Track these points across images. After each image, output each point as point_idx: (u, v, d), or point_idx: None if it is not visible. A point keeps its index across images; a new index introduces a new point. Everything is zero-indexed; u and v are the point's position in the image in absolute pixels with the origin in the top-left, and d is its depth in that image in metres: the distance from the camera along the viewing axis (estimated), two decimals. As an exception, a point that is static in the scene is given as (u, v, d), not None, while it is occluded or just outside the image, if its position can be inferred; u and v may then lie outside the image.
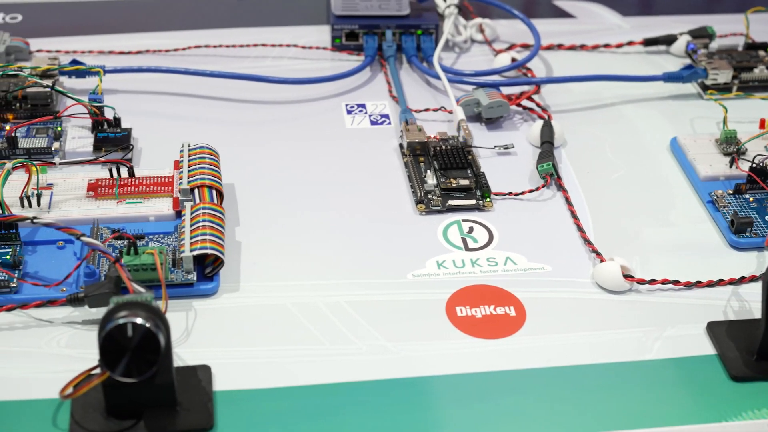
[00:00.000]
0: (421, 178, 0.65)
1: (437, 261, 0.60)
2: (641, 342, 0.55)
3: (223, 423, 0.50)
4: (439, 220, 0.63)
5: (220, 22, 0.85)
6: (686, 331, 0.56)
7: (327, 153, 0.69)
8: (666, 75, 0.75)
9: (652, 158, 0.70)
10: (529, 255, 0.61)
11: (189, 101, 0.74)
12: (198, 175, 0.61)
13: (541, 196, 0.66)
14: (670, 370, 0.54)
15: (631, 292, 0.59)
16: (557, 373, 0.53)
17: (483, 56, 0.81)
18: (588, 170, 0.68)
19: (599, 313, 0.57)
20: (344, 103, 0.74)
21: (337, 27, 0.79)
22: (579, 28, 0.86)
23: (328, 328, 0.55)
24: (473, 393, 0.52)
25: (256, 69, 0.77)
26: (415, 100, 0.75)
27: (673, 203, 0.65)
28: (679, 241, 0.62)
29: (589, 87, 0.76)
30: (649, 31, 0.83)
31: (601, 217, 0.64)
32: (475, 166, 0.66)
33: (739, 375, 0.54)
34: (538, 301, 0.58)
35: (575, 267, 0.60)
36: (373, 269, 0.59)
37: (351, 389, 0.52)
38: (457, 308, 0.57)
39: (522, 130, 0.72)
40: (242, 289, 0.58)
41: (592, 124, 0.73)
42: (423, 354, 0.54)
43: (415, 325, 0.56)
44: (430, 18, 0.79)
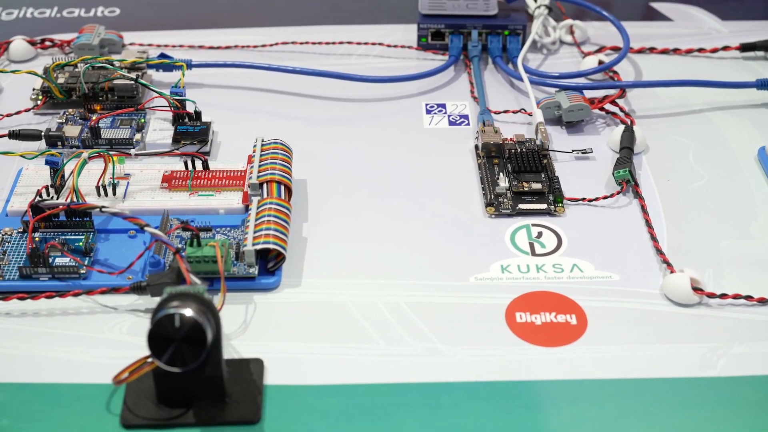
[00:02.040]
0: (493, 181, 0.64)
1: (502, 265, 0.59)
2: (706, 358, 0.53)
3: (271, 417, 0.50)
4: (508, 224, 0.62)
5: (309, 19, 0.86)
6: (756, 349, 0.54)
7: (402, 152, 0.69)
8: (759, 82, 0.72)
9: (737, 168, 0.67)
10: (598, 263, 0.59)
11: (271, 97, 0.75)
12: (268, 170, 0.62)
13: (616, 203, 0.64)
14: (734, 389, 0.52)
15: (700, 306, 0.57)
16: (613, 385, 0.52)
17: (571, 58, 0.79)
18: (668, 178, 0.66)
19: (664, 326, 0.55)
20: (425, 102, 0.74)
21: (423, 26, 0.78)
22: (674, 32, 0.83)
23: (385, 328, 0.55)
24: (525, 401, 0.51)
25: (340, 66, 0.77)
26: (498, 102, 0.74)
27: (755, 215, 0.63)
28: (757, 255, 0.60)
29: (678, 92, 0.74)
30: (749, 36, 0.80)
31: (677, 226, 0.62)
32: (550, 170, 0.65)
33: (807, 398, 0.51)
34: (601, 310, 0.56)
35: (644, 277, 0.58)
36: (436, 271, 0.59)
37: (400, 390, 0.52)
38: (516, 314, 0.56)
39: (603, 134, 0.70)
40: (303, 284, 0.58)
41: (677, 131, 0.71)
42: (477, 359, 0.53)
43: (472, 329, 0.55)
44: (518, 18, 0.78)
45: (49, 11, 0.88)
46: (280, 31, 0.83)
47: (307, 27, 0.84)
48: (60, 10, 0.88)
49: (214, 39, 0.81)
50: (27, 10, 0.88)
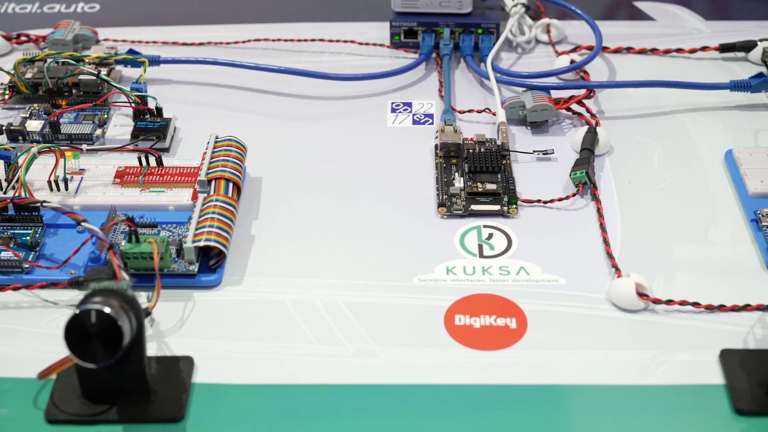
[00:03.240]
0: (448, 181, 0.64)
1: (447, 267, 0.58)
2: (645, 365, 0.52)
3: (196, 415, 0.50)
4: (459, 225, 0.61)
5: (284, 16, 0.85)
6: (698, 357, 0.52)
7: (361, 151, 0.68)
8: (733, 83, 0.70)
9: (703, 171, 0.65)
10: (546, 266, 0.58)
11: (239, 93, 0.75)
12: (218, 167, 0.62)
13: (572, 206, 0.63)
14: (669, 398, 0.50)
15: (646, 312, 0.55)
16: (544, 391, 0.51)
17: (546, 58, 0.78)
18: (629, 180, 0.65)
19: (606, 332, 0.54)
20: (391, 101, 0.73)
21: (395, 24, 0.77)
22: (656, 31, 0.82)
23: (321, 328, 0.54)
24: (452, 405, 0.50)
25: (312, 64, 0.77)
26: (466, 101, 0.73)
27: (714, 220, 0.61)
28: (712, 261, 0.58)
29: (651, 93, 0.72)
30: (732, 36, 0.78)
31: (633, 230, 0.61)
32: (507, 171, 0.64)
33: (744, 409, 0.50)
34: (543, 314, 0.55)
35: (591, 282, 0.57)
36: (380, 271, 0.58)
37: (328, 391, 0.51)
38: (456, 316, 0.55)
39: (569, 135, 0.69)
40: (245, 282, 0.58)
41: (645, 133, 0.69)
42: (409, 361, 0.52)
43: (409, 331, 0.54)
44: (491, 17, 0.77)
45: (30, 6, 0.88)
46: (254, 28, 0.83)
47: (281, 24, 0.83)
48: (41, 6, 0.88)
49: (189, 35, 0.81)
50: (9, 5, 0.88)
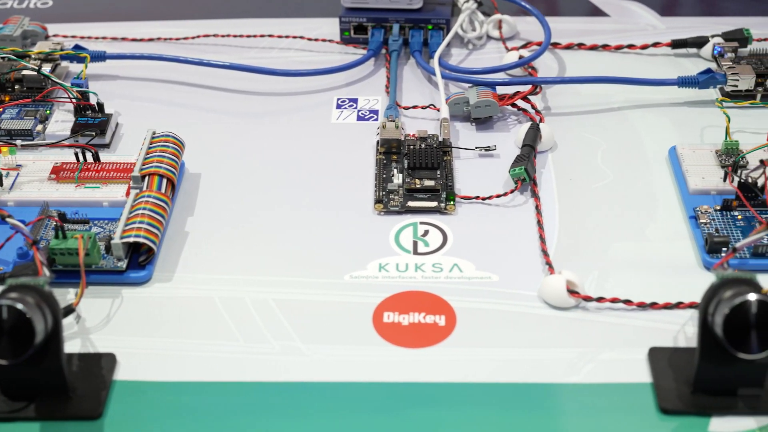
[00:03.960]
0: (386, 177, 0.63)
1: (380, 263, 0.58)
2: (572, 363, 0.51)
3: (115, 413, 0.49)
4: (396, 221, 0.61)
5: (235, 12, 0.85)
6: (626, 355, 0.52)
7: (302, 147, 0.68)
8: (681, 79, 0.69)
9: (646, 168, 0.65)
10: (479, 263, 0.58)
11: (185, 90, 0.74)
12: (153, 163, 0.61)
13: (511, 202, 0.62)
14: (594, 397, 0.50)
15: (577, 310, 0.55)
16: (468, 389, 0.50)
17: (497, 54, 0.77)
18: (571, 177, 0.64)
19: (535, 330, 0.53)
20: (337, 97, 0.73)
21: (345, 19, 0.77)
22: (610, 27, 0.81)
23: (248, 325, 0.54)
24: (375, 403, 0.49)
25: (262, 60, 0.76)
26: (413, 97, 0.72)
27: (654, 217, 0.61)
28: (648, 259, 0.58)
29: (600, 89, 0.72)
30: (686, 32, 0.77)
31: (571, 227, 0.60)
32: (447, 168, 0.63)
33: (668, 407, 0.49)
34: (473, 312, 0.55)
35: (524, 279, 0.56)
36: (312, 268, 0.58)
37: (250, 389, 0.50)
38: (384, 314, 0.55)
39: (513, 132, 0.68)
40: (175, 279, 0.57)
41: (591, 129, 0.69)
42: (335, 359, 0.52)
43: (337, 329, 0.54)
44: (441, 13, 0.76)
45: (-17, 2, 0.88)
46: (205, 23, 0.82)
47: (231, 20, 0.83)
48: (-6, 2, 0.88)
49: (140, 31, 0.81)
50: (-37, 1, 0.88)
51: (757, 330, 0.46)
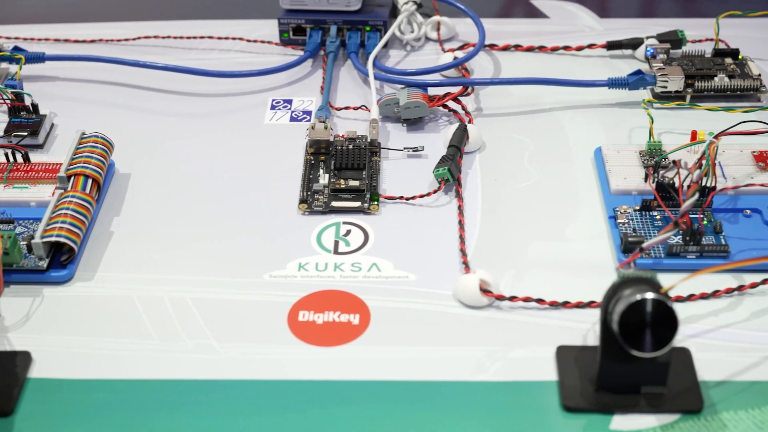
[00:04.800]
0: (313, 177, 0.63)
1: (300, 263, 0.58)
2: (481, 362, 0.52)
3: (26, 410, 0.50)
4: (319, 221, 0.61)
5: (178, 14, 0.85)
6: (535, 354, 0.52)
7: (234, 148, 0.68)
8: (611, 81, 0.70)
9: (571, 168, 0.65)
10: (398, 262, 0.58)
11: (123, 91, 0.75)
12: (80, 164, 0.61)
13: (435, 203, 0.63)
14: (499, 395, 0.50)
15: (491, 309, 0.55)
16: (377, 387, 0.51)
17: (434, 55, 0.78)
18: (497, 177, 0.65)
19: (448, 329, 0.54)
20: (272, 98, 0.73)
21: (283, 21, 0.77)
22: (549, 29, 0.81)
23: (164, 324, 0.55)
24: (285, 401, 0.50)
25: (202, 61, 0.77)
26: (348, 98, 0.73)
27: (574, 217, 0.61)
28: (565, 258, 0.58)
29: (532, 91, 0.72)
30: (624, 34, 0.77)
31: (492, 227, 0.61)
32: (374, 168, 0.64)
33: (570, 405, 0.50)
34: (387, 310, 0.55)
35: (441, 278, 0.57)
36: (233, 267, 0.58)
37: (160, 386, 0.51)
38: (300, 312, 0.55)
39: (443, 133, 0.68)
40: (97, 278, 0.58)
41: (520, 130, 0.69)
42: (247, 357, 0.52)
43: (251, 327, 0.54)
44: (379, 14, 0.77)
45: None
46: (147, 25, 0.82)
47: (173, 21, 0.83)
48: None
49: (82, 33, 0.81)
50: None
51: (652, 328, 0.47)
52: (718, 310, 0.55)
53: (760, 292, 0.56)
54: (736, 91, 0.70)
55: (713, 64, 0.72)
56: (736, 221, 0.60)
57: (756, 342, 0.53)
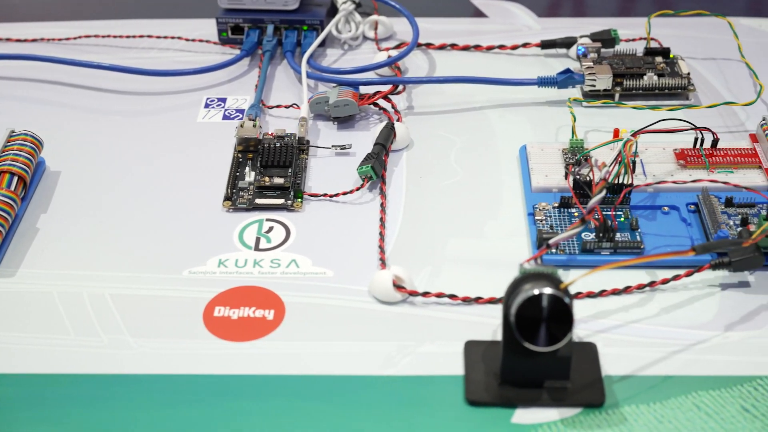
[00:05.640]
0: (240, 175, 0.64)
1: (220, 259, 0.59)
2: (391, 356, 0.53)
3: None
4: (242, 218, 0.62)
5: (119, 13, 0.86)
6: (444, 348, 0.53)
7: (165, 146, 0.69)
8: (540, 79, 0.71)
9: (496, 166, 0.66)
10: (317, 259, 0.59)
11: (59, 90, 0.75)
12: (7, 161, 0.62)
13: (359, 200, 0.63)
14: (406, 389, 0.51)
15: (404, 304, 0.56)
16: (284, 381, 0.51)
17: (372, 54, 0.78)
18: (422, 175, 0.65)
19: (360, 324, 0.55)
20: (206, 96, 0.74)
21: (221, 20, 0.78)
22: (487, 28, 0.82)
23: (81, 319, 0.55)
24: (195, 395, 0.51)
25: (141, 60, 0.78)
26: (285, 97, 0.73)
27: (495, 214, 0.62)
28: (483, 254, 0.59)
29: (465, 89, 0.73)
30: (561, 33, 0.78)
31: (413, 224, 0.61)
32: (300, 166, 0.65)
33: (474, 399, 0.50)
34: (303, 306, 0.56)
35: (358, 274, 0.58)
36: (153, 263, 0.59)
37: (74, 381, 0.52)
38: (216, 308, 0.56)
39: (373, 131, 0.69)
40: (19, 275, 0.58)
41: (449, 128, 0.70)
42: (160, 352, 0.53)
43: (167, 323, 0.55)
44: (316, 13, 0.78)
45: None
46: (88, 24, 0.83)
47: (114, 21, 0.84)
48: None
49: (24, 32, 0.82)
50: None
51: (547, 323, 0.48)
52: (628, 306, 0.56)
53: (671, 288, 0.57)
54: (664, 89, 0.71)
55: (643, 62, 0.72)
56: (654, 218, 0.61)
57: (663, 337, 0.54)
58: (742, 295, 0.56)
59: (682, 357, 0.53)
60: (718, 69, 0.76)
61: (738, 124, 0.69)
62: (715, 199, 0.60)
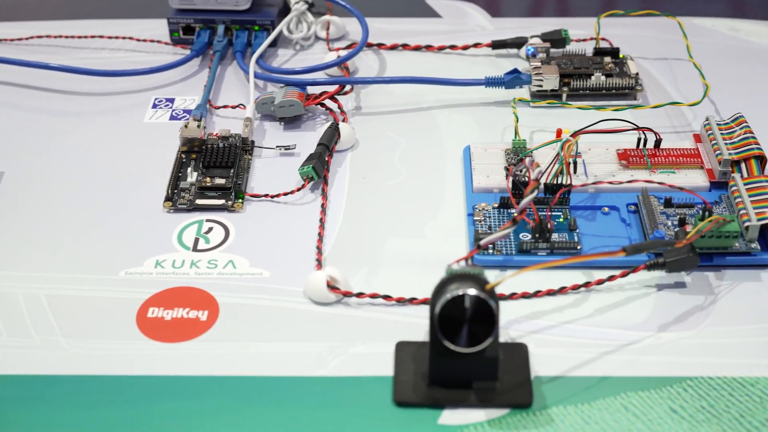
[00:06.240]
0: (182, 175, 0.64)
1: (157, 260, 0.59)
2: (322, 357, 0.53)
3: None
4: (183, 219, 0.62)
5: (72, 13, 0.86)
6: (376, 349, 0.53)
7: (110, 147, 0.69)
8: (487, 80, 0.71)
9: (440, 167, 0.66)
10: (254, 260, 0.59)
11: (6, 90, 0.75)
12: (-53, 162, 0.62)
13: (300, 200, 0.63)
14: (335, 390, 0.51)
15: (339, 305, 0.56)
16: (214, 383, 0.51)
17: (323, 54, 0.78)
18: (365, 175, 0.65)
19: (294, 325, 0.55)
20: (155, 97, 0.74)
21: (173, 20, 0.78)
22: (440, 28, 0.82)
23: (15, 320, 0.55)
24: (123, 395, 0.51)
25: (93, 60, 0.78)
26: (234, 97, 0.73)
27: (436, 215, 0.62)
28: (420, 255, 0.59)
29: (413, 90, 0.73)
30: (514, 33, 0.78)
31: (353, 224, 0.61)
32: (243, 166, 0.65)
33: (401, 399, 0.50)
34: (237, 307, 0.56)
35: (294, 275, 0.58)
36: (92, 264, 0.59)
37: (3, 382, 0.51)
38: (150, 309, 0.56)
39: (319, 131, 0.69)
40: (-46, 275, 0.59)
41: (396, 128, 0.70)
42: (92, 353, 0.53)
43: (101, 324, 0.55)
44: (267, 14, 0.78)
45: None
46: (40, 24, 0.83)
47: (66, 21, 0.84)
48: None
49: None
50: None
51: (469, 324, 0.48)
52: (563, 307, 0.56)
53: (606, 288, 0.57)
54: (611, 89, 0.71)
55: (592, 63, 0.72)
56: (594, 219, 0.61)
57: (595, 338, 0.54)
58: (678, 296, 0.56)
59: (613, 358, 0.53)
60: (669, 69, 0.76)
61: (685, 125, 0.69)
62: (655, 199, 0.61)
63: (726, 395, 0.51)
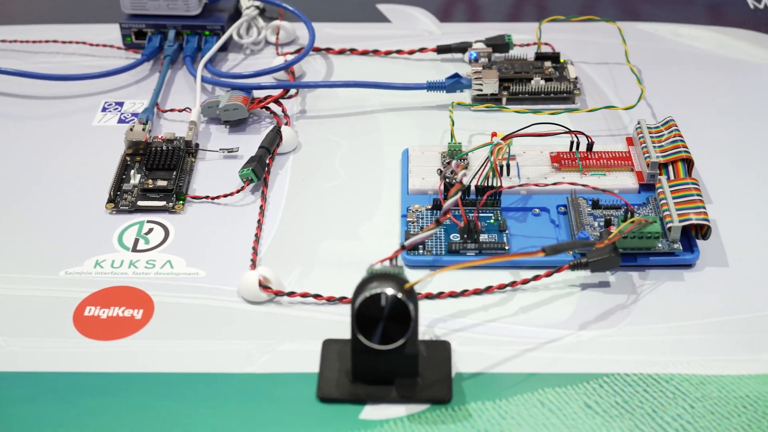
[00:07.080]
0: (126, 177, 0.66)
1: (97, 260, 0.60)
2: (251, 354, 0.54)
3: None
4: (124, 220, 0.63)
5: (25, 18, 0.87)
6: (304, 347, 0.55)
7: (57, 150, 0.70)
8: (429, 84, 0.72)
9: (379, 169, 0.68)
10: (191, 260, 0.60)
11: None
12: None
13: (240, 202, 0.65)
14: (261, 386, 0.53)
15: (271, 304, 0.57)
16: (144, 379, 0.53)
17: (272, 58, 0.79)
18: (305, 178, 0.67)
19: (226, 323, 0.56)
20: (104, 100, 0.75)
21: (125, 25, 0.79)
22: (389, 33, 0.84)
23: (-48, 319, 0.57)
24: (54, 392, 0.52)
25: (46, 65, 0.79)
26: (183, 101, 0.75)
27: (371, 216, 0.64)
28: (353, 255, 0.61)
29: (359, 93, 0.75)
30: (460, 38, 0.79)
31: (289, 226, 0.63)
32: (185, 169, 0.66)
33: (324, 395, 0.52)
34: (172, 306, 0.57)
35: (229, 275, 0.59)
36: (32, 264, 0.60)
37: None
38: (87, 308, 0.57)
39: (264, 134, 0.70)
40: None
41: (338, 132, 0.72)
42: (29, 351, 0.55)
43: (38, 322, 0.56)
44: (218, 18, 0.79)
45: None
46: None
47: (20, 26, 0.85)
48: None
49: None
50: None
51: (385, 322, 0.49)
52: (488, 305, 0.57)
53: (532, 288, 0.58)
54: (550, 93, 0.73)
55: (532, 67, 0.74)
56: (525, 220, 0.63)
57: (518, 336, 0.55)
58: (601, 295, 0.58)
59: (534, 355, 0.54)
60: (609, 73, 0.77)
61: (621, 128, 0.71)
62: (584, 201, 0.62)
63: (641, 391, 0.52)
